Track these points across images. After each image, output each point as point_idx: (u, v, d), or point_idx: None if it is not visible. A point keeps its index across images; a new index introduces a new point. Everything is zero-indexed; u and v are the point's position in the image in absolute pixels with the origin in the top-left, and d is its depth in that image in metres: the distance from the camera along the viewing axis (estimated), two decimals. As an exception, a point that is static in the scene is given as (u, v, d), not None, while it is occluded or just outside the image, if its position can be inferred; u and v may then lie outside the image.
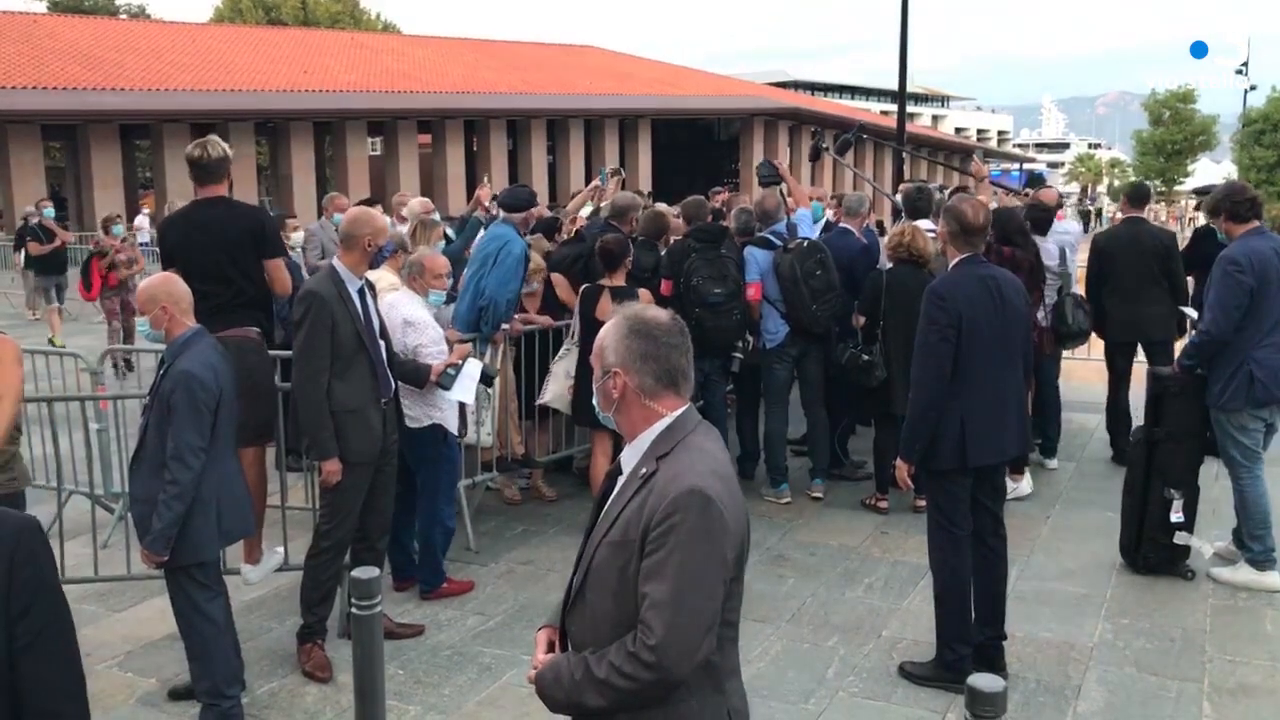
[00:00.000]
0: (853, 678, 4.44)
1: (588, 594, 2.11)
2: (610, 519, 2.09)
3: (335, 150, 35.61)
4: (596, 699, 2.02)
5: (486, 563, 5.77)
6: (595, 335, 2.23)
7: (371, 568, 2.92)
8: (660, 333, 2.15)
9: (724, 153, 47.57)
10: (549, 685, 2.12)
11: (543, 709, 4.09)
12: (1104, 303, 7.21)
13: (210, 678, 3.93)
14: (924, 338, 4.25)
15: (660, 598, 1.94)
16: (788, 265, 6.46)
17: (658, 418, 2.13)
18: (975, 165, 8.63)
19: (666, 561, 1.95)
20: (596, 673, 2.01)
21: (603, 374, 2.17)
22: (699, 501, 1.97)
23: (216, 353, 3.91)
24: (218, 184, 5.02)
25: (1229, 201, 5.35)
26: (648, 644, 1.93)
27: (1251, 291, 5.06)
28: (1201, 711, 4.14)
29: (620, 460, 2.22)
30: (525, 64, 41.85)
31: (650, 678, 1.95)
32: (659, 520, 1.97)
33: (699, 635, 1.96)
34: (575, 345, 6.22)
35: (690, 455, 2.06)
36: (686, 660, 1.95)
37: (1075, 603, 5.18)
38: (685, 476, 2.00)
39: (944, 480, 4.32)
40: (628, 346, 2.13)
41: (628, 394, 2.14)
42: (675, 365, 2.15)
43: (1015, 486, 6.67)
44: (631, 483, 2.09)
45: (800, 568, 5.68)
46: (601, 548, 2.08)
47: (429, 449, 5.16)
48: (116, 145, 29.91)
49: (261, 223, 5.11)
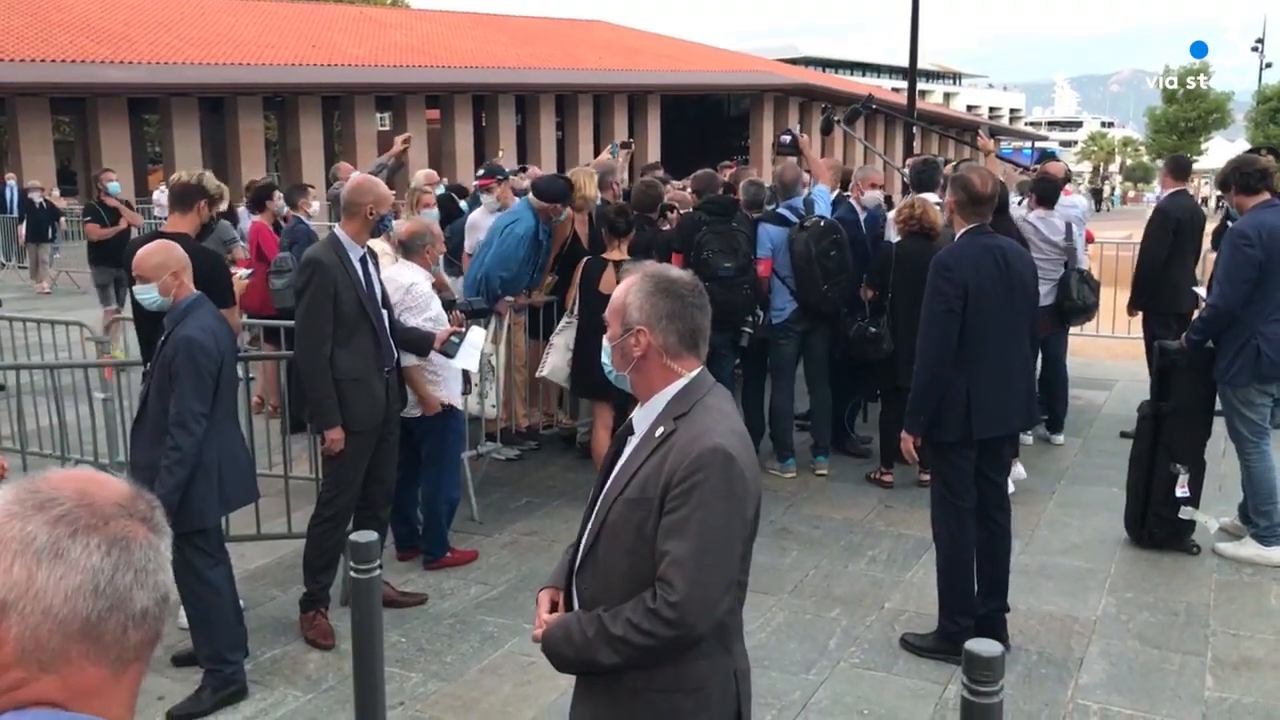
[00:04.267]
0: (854, 649, 4.44)
1: (600, 552, 2.09)
2: (626, 477, 2.07)
3: (344, 125, 35.49)
4: (610, 656, 2.01)
5: (490, 533, 5.78)
6: (596, 308, 2.21)
7: (370, 532, 2.92)
8: (686, 292, 2.14)
9: (734, 129, 47.34)
10: (558, 643, 2.10)
11: (544, 676, 4.15)
12: (1174, 275, 7.07)
13: (213, 644, 3.96)
14: (929, 308, 4.22)
15: (682, 555, 1.93)
16: (803, 243, 6.38)
17: (675, 378, 2.12)
18: (982, 139, 8.55)
19: (689, 519, 1.94)
20: (612, 629, 1.99)
21: (623, 331, 2.14)
22: (722, 460, 1.97)
23: (217, 318, 3.90)
24: (186, 213, 4.76)
25: (1238, 174, 5.30)
26: (669, 600, 1.93)
27: (1260, 265, 5.01)
28: (1204, 684, 4.13)
29: (631, 420, 2.20)
30: (534, 38, 41.62)
31: (670, 634, 1.94)
32: (681, 478, 1.96)
33: (719, 593, 1.97)
34: (574, 319, 6.17)
35: (710, 415, 2.06)
36: (706, 617, 1.95)
37: (1079, 577, 5.17)
38: (707, 436, 2.00)
39: (948, 453, 4.30)
40: (653, 305, 2.11)
41: (650, 353, 2.12)
42: (698, 326, 2.14)
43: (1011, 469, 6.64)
44: (648, 442, 2.08)
45: (804, 541, 5.67)
46: (617, 505, 2.06)
47: (435, 419, 5.16)
48: (125, 119, 29.82)
49: (210, 270, 4.69)
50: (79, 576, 0.99)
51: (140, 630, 1.03)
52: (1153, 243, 7.30)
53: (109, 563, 1.00)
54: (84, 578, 0.99)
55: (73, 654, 1.00)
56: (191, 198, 4.76)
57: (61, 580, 0.99)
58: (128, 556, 1.02)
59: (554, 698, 3.97)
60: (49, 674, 0.99)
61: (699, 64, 44.98)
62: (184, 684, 4.07)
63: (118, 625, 1.01)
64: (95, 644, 1.00)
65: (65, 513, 1.01)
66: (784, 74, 48.87)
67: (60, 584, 0.99)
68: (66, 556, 0.99)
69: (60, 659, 0.99)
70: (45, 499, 1.01)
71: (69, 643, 0.99)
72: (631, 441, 2.16)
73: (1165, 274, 7.14)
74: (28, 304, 13.79)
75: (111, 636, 1.01)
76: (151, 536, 1.05)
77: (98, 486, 1.05)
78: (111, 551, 1.01)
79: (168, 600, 1.06)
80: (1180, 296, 7.13)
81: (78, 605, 0.99)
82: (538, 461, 7.09)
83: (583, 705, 2.21)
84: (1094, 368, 9.00)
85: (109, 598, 1.00)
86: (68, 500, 1.02)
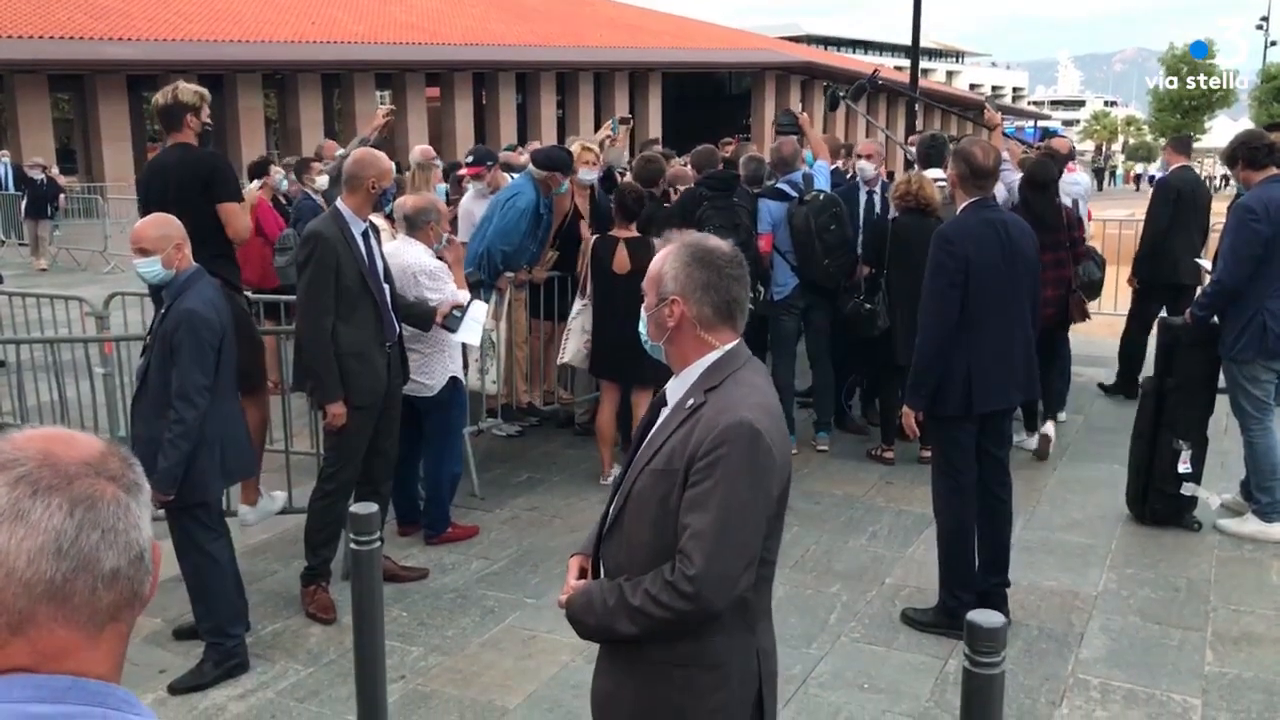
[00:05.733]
0: (854, 623, 4.45)
1: (625, 521, 2.08)
2: (654, 447, 2.05)
3: (344, 103, 35.37)
4: (628, 626, 2.00)
5: (491, 509, 5.78)
6: (608, 288, 2.19)
7: (370, 504, 2.92)
8: (723, 263, 2.09)
9: (736, 107, 47.11)
10: (580, 611, 2.10)
11: (544, 651, 4.16)
12: (1173, 245, 7.30)
13: (214, 617, 3.96)
14: (931, 282, 4.20)
15: (702, 528, 1.91)
16: (802, 218, 6.36)
17: (709, 349, 2.09)
18: (989, 114, 8.48)
19: (711, 493, 1.92)
20: (631, 600, 1.99)
21: (658, 301, 2.10)
22: (747, 434, 1.94)
23: (217, 291, 3.89)
24: (178, 130, 4.86)
25: (1245, 148, 5.26)
26: (687, 574, 1.91)
27: (1266, 241, 4.99)
28: (1204, 659, 4.13)
29: (665, 391, 2.17)
30: (534, 15, 41.37)
31: (686, 608, 1.93)
32: (705, 451, 1.94)
33: (738, 569, 1.94)
34: (588, 301, 6.12)
35: (740, 389, 2.03)
36: (724, 593, 1.93)
37: (1080, 553, 5.17)
38: (734, 409, 1.97)
39: (949, 427, 4.29)
40: (689, 275, 2.07)
41: (684, 324, 2.08)
42: (735, 297, 2.10)
43: (1026, 439, 6.66)
44: (678, 413, 2.05)
45: (805, 516, 5.67)
46: (644, 475, 2.04)
47: (440, 394, 5.15)
48: (124, 97, 29.73)
49: (211, 167, 4.91)
50: (40, 538, 0.98)
51: (112, 591, 1.02)
52: (1156, 213, 7.54)
53: (72, 523, 0.99)
54: (46, 539, 0.98)
55: (40, 616, 0.98)
56: (177, 115, 4.82)
57: (23, 542, 0.97)
58: (93, 516, 1.00)
59: (554, 671, 3.98)
60: (18, 637, 0.98)
61: (701, 41, 44.75)
62: (185, 658, 4.08)
63: (86, 586, 1.00)
64: (63, 606, 0.99)
65: (26, 473, 0.99)
66: (786, 52, 48.64)
67: (22, 545, 0.97)
68: (27, 518, 0.98)
69: (28, 621, 0.98)
70: (7, 460, 1.00)
71: (36, 605, 0.98)
72: (664, 412, 2.14)
73: (1165, 245, 7.35)
74: (28, 280, 13.77)
75: (81, 598, 1.00)
76: (122, 495, 1.03)
77: (64, 446, 1.03)
78: (75, 512, 0.99)
79: (142, 559, 1.04)
80: (1178, 269, 7.34)
81: (41, 566, 0.98)
82: (539, 438, 7.09)
83: (605, 674, 2.20)
84: (1096, 345, 8.97)
85: (73, 558, 0.99)
86: (30, 461, 1.00)
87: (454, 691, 3.91)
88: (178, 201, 4.63)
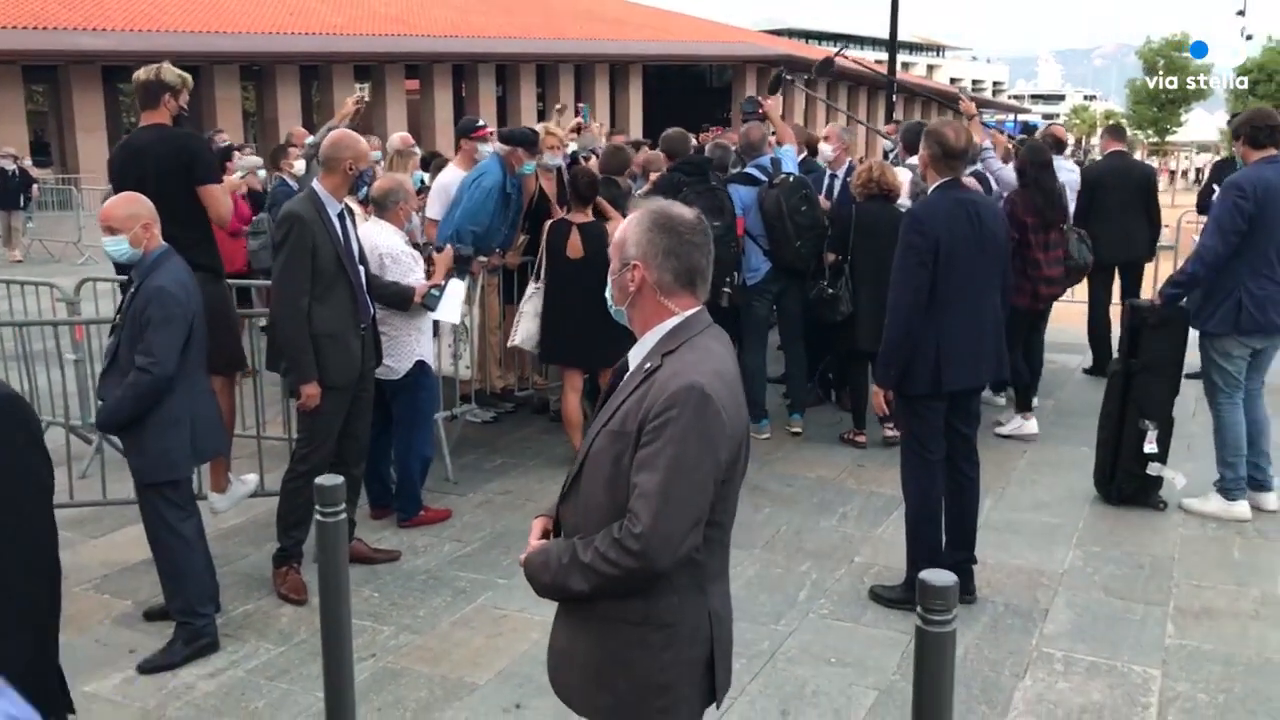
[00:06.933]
0: (823, 600, 4.49)
1: (583, 483, 2.13)
2: (611, 410, 2.11)
3: (322, 95, 35.14)
4: (580, 583, 2.05)
5: (465, 493, 5.79)
6: (561, 273, 2.25)
7: (335, 475, 2.92)
8: (685, 230, 2.13)
9: (716, 100, 47.04)
10: (537, 569, 2.15)
11: (516, 629, 4.18)
12: (1093, 228, 7.66)
13: (183, 596, 3.96)
14: (902, 262, 4.22)
15: (649, 488, 1.96)
16: (774, 201, 6.38)
17: (669, 315, 2.13)
18: (965, 103, 8.55)
19: (659, 454, 1.97)
20: (582, 557, 2.04)
21: (621, 266, 2.15)
22: (697, 397, 1.98)
23: (187, 271, 3.88)
24: (154, 109, 4.87)
25: (1249, 126, 5.32)
26: (633, 532, 1.96)
27: (1251, 217, 5.07)
28: (1165, 633, 4.20)
29: (628, 356, 2.21)
30: (514, 7, 41.22)
31: (632, 565, 1.98)
32: (656, 413, 1.99)
33: (684, 529, 1.98)
34: (542, 285, 6.06)
35: (695, 354, 2.07)
36: (669, 552, 1.97)
37: (1047, 532, 5.23)
38: (687, 373, 2.01)
39: (918, 405, 4.33)
40: (650, 240, 2.11)
41: (644, 289, 2.12)
42: (695, 264, 2.13)
43: (1023, 423, 6.68)
44: (635, 376, 2.11)
45: (777, 498, 5.71)
46: (600, 436, 2.10)
47: (406, 377, 5.15)
48: (99, 88, 29.45)
49: (192, 150, 4.91)
50: None
51: None
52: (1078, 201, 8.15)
53: None
54: None
55: None
56: (155, 93, 4.83)
57: None
58: None
59: (525, 648, 4.00)
60: None
61: (681, 34, 44.70)
62: (155, 638, 4.07)
63: None
64: None
65: None
66: (767, 45, 48.67)
67: None
68: None
69: None
70: None
71: None
72: (626, 377, 2.19)
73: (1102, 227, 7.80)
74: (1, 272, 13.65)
75: None
76: None
77: None
78: None
79: None
80: (1117, 248, 7.90)
81: None
82: (513, 423, 7.10)
83: (559, 632, 2.26)
84: (1067, 332, 9.05)
85: None
86: None
87: (424, 669, 3.93)
88: (159, 185, 4.63)
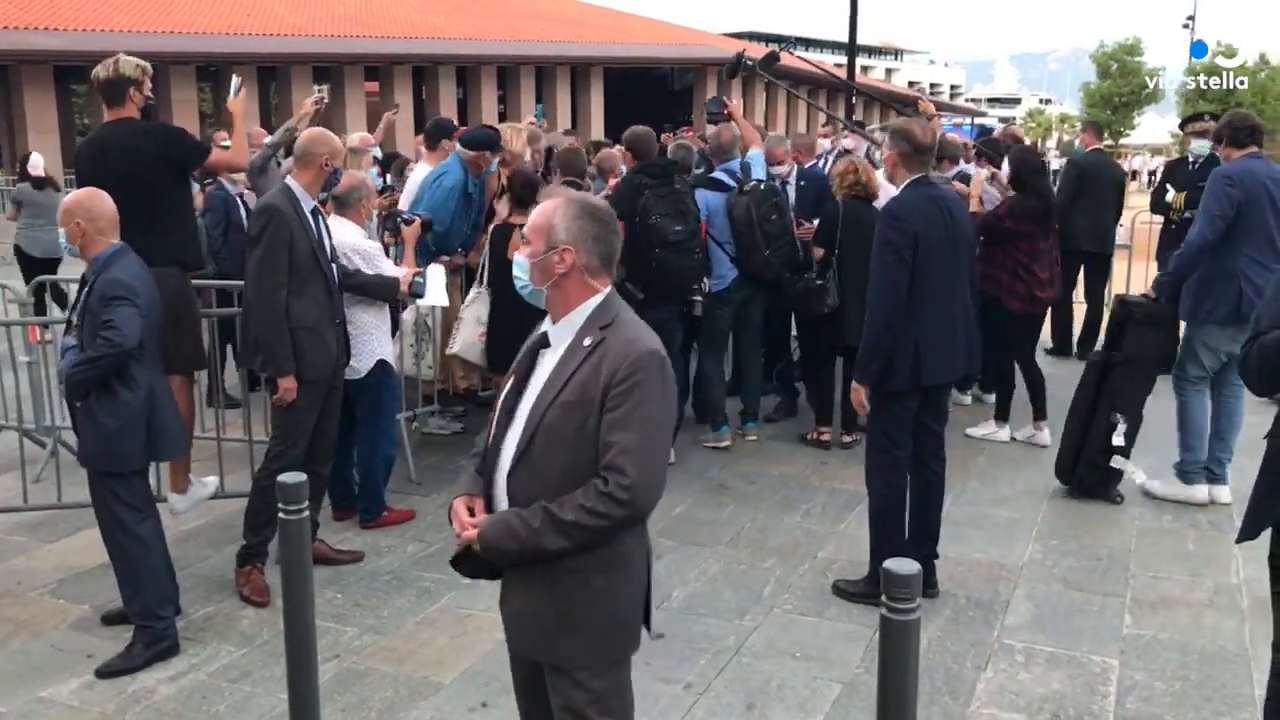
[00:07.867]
0: (787, 596, 4.52)
1: (535, 453, 2.28)
2: (560, 382, 2.27)
3: (280, 97, 34.72)
4: (558, 541, 2.21)
5: (429, 493, 5.76)
6: (507, 277, 2.45)
7: (298, 473, 2.90)
8: (607, 218, 2.40)
9: (678, 102, 47.11)
10: (498, 538, 2.27)
11: (481, 629, 4.16)
12: (1073, 219, 8.09)
13: (142, 599, 3.91)
14: (880, 258, 4.23)
15: (629, 444, 2.18)
16: (743, 208, 6.24)
17: (594, 293, 2.35)
18: (924, 103, 8.67)
19: (633, 413, 2.20)
20: (563, 516, 2.20)
21: (547, 249, 2.33)
22: (658, 361, 2.26)
23: (142, 268, 3.83)
24: (120, 105, 4.81)
25: (1230, 128, 5.54)
26: (622, 484, 2.17)
27: (1239, 204, 5.21)
28: (1123, 623, 4.27)
29: (547, 334, 2.38)
30: (475, 9, 41.04)
31: (622, 514, 2.19)
32: (622, 378, 2.21)
33: (661, 475, 2.27)
34: (486, 289, 5.90)
35: (636, 325, 2.34)
36: (653, 497, 2.24)
37: (1007, 526, 5.30)
38: (641, 341, 2.28)
39: (892, 402, 4.35)
40: (580, 227, 2.33)
41: (573, 271, 2.33)
42: (615, 249, 2.40)
43: (1036, 433, 6.63)
44: (577, 351, 2.29)
45: (740, 496, 5.74)
46: (554, 408, 2.26)
47: (368, 377, 5.12)
48: (51, 89, 28.91)
49: (176, 141, 4.89)
50: None
51: None
52: (1063, 186, 8.62)
53: None
54: None
55: None
56: (120, 89, 4.81)
57: None
58: None
59: (489, 648, 3.99)
60: None
61: (642, 37, 44.72)
62: (114, 642, 4.01)
63: None
64: None
65: None
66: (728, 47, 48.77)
67: None
68: None
69: None
70: None
71: None
72: (547, 354, 2.37)
73: (1072, 217, 8.20)
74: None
75: None
76: None
77: None
78: None
79: None
80: (1082, 237, 8.34)
81: None
82: (476, 425, 7.05)
83: (515, 596, 2.40)
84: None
85: None
86: None
87: (389, 669, 3.90)
88: (144, 178, 4.60)
